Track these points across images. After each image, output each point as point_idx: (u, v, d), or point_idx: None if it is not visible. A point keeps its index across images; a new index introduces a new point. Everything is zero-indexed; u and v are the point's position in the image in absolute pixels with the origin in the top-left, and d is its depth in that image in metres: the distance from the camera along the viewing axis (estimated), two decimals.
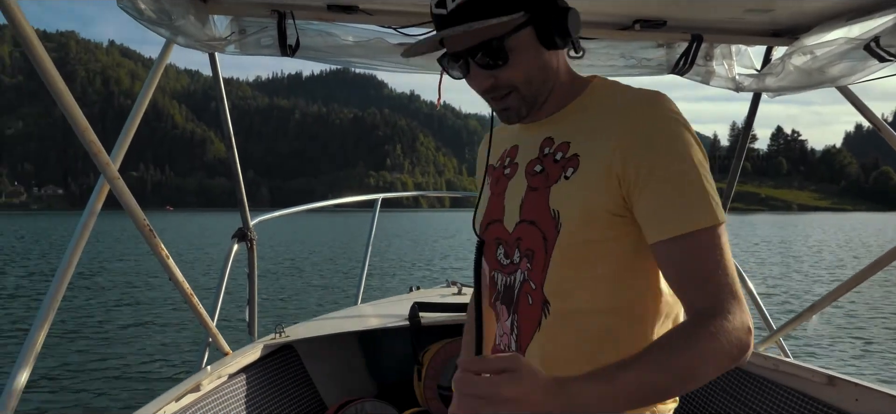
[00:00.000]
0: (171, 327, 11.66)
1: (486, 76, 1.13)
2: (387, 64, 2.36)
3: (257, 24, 2.21)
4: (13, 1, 1.24)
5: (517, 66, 1.12)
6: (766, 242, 37.69)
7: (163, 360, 9.42)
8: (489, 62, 1.11)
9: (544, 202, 1.15)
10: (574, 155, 1.14)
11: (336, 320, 3.08)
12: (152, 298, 15.40)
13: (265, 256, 25.11)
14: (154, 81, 2.13)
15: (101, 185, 1.84)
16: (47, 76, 1.37)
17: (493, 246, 1.26)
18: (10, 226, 72.61)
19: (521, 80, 1.14)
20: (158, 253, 1.93)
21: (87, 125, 1.53)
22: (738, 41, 2.60)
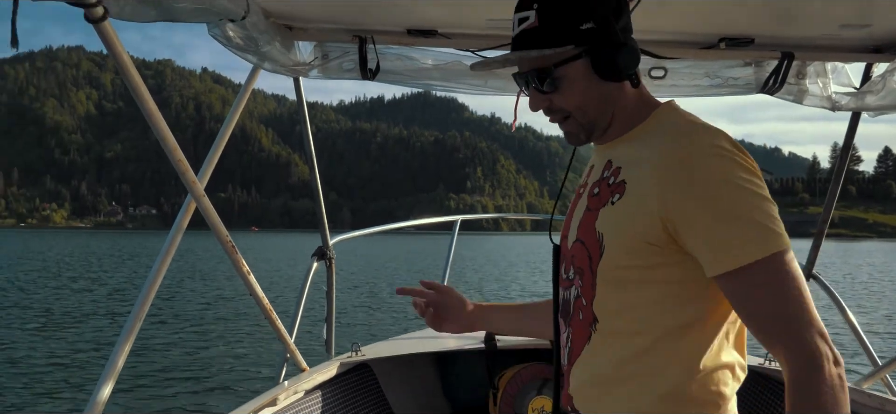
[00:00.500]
0: (249, 341, 12.13)
1: (542, 99, 1.21)
2: (465, 86, 2.38)
3: (339, 49, 2.29)
4: (113, 32, 1.33)
5: (569, 95, 1.19)
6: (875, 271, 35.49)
7: (242, 371, 9.83)
8: (542, 88, 1.19)
9: (593, 223, 1.18)
10: (622, 181, 1.16)
11: (412, 341, 3.09)
12: (232, 313, 16.06)
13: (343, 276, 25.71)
14: (241, 105, 2.23)
15: (188, 203, 1.94)
16: (141, 99, 1.46)
17: (559, 262, 1.31)
18: (103, 243, 76.43)
19: (574, 107, 1.19)
20: (240, 269, 2.01)
21: (176, 145, 1.62)
22: (834, 58, 2.48)
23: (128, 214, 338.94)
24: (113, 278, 27.25)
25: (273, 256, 42.41)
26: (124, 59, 1.39)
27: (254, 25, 1.85)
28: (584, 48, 1.15)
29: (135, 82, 1.43)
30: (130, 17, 1.33)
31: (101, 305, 18.18)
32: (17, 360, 10.60)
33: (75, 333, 13.26)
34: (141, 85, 1.46)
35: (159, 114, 1.54)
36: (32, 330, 13.65)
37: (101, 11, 1.23)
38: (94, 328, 14.03)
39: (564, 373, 1.27)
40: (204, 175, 1.98)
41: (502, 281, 26.53)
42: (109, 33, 1.31)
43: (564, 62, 1.16)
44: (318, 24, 2.19)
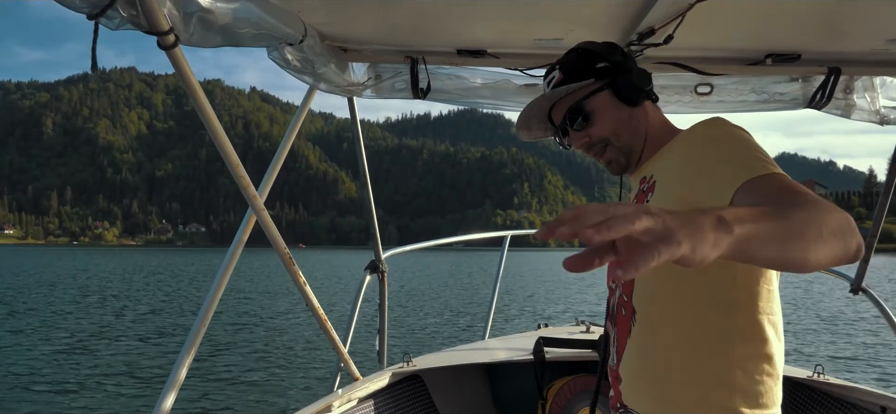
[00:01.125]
0: (302, 354, 12.44)
1: (581, 137, 1.37)
2: (513, 104, 2.45)
3: (392, 69, 2.38)
4: (183, 58, 1.43)
5: (601, 123, 1.35)
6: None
7: (296, 381, 10.10)
8: (578, 124, 1.36)
9: None
10: (654, 182, 1.30)
11: (462, 352, 3.16)
12: (286, 325, 16.43)
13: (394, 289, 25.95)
14: (299, 123, 2.36)
15: (249, 217, 2.05)
16: (207, 118, 1.58)
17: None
18: (151, 260, 77.71)
19: (609, 133, 1.35)
20: (297, 280, 2.11)
21: (238, 162, 1.74)
22: (882, 73, 2.46)
23: (177, 231, 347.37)
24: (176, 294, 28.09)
25: (319, 273, 42.67)
26: (193, 82, 1.50)
27: (310, 48, 1.96)
28: (605, 81, 1.34)
29: (202, 103, 1.55)
30: (199, 43, 1.43)
31: (166, 318, 18.81)
32: (84, 368, 11.07)
33: (137, 345, 13.74)
34: (207, 106, 1.58)
35: (224, 133, 1.65)
36: (96, 340, 14.22)
37: (173, 39, 1.34)
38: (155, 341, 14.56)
39: (614, 373, 1.35)
40: (263, 190, 2.10)
41: (550, 298, 26.35)
42: (180, 59, 1.42)
43: (590, 95, 1.34)
44: (371, 45, 2.29)
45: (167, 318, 18.81)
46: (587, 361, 2.98)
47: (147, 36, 1.28)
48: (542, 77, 2.35)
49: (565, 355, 2.99)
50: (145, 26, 1.24)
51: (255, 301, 23.36)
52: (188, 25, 1.35)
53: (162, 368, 11.11)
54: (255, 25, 1.54)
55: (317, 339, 13.80)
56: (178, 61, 1.41)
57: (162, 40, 1.31)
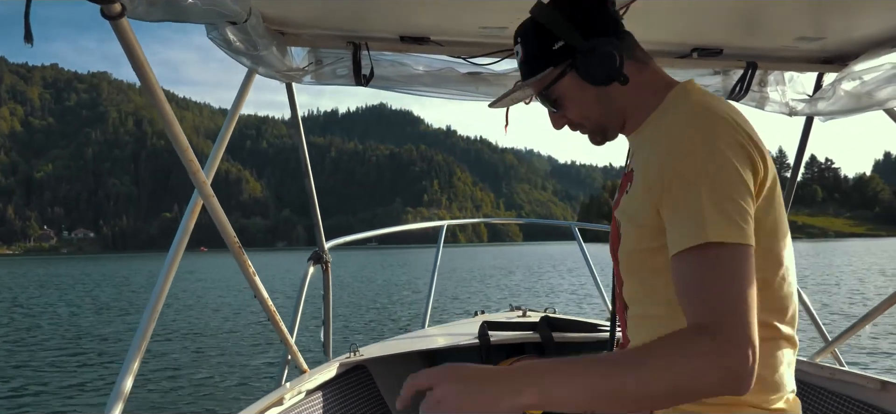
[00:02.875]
0: (248, 348, 12.36)
1: (558, 118, 1.35)
2: (456, 92, 2.47)
3: (333, 55, 2.35)
4: (130, 30, 1.35)
5: (571, 107, 1.31)
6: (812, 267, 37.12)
7: (241, 375, 10.04)
8: (551, 109, 1.34)
9: (615, 213, 1.31)
10: (632, 170, 1.27)
11: (407, 341, 3.18)
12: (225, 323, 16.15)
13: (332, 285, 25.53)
14: (238, 108, 2.28)
15: (195, 204, 1.98)
16: (157, 100, 1.51)
17: None
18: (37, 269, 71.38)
19: (578, 117, 1.32)
20: (245, 270, 2.05)
21: (187, 145, 1.66)
22: (791, 68, 2.67)
23: (62, 238, 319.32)
24: None
25: (222, 279, 38.62)
26: (141, 57, 1.42)
27: (254, 29, 1.90)
28: (565, 64, 1.25)
29: (151, 82, 1.47)
30: (143, 16, 1.35)
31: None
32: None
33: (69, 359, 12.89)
34: (157, 85, 1.50)
35: (174, 116, 1.59)
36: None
37: (120, 8, 1.25)
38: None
39: (622, 346, 1.37)
40: (209, 174, 2.03)
41: (483, 288, 26.76)
42: (126, 30, 1.33)
43: (553, 82, 1.27)
44: (312, 29, 2.24)
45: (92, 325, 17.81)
46: (531, 342, 3.07)
47: (18, 24, 1.20)
48: (486, 65, 2.40)
49: (508, 338, 3.07)
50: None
51: (190, 300, 22.53)
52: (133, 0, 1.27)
53: (103, 378, 10.58)
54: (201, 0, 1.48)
55: (259, 334, 13.78)
56: (125, 33, 1.32)
57: (107, 9, 1.23)
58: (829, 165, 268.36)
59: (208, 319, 17.58)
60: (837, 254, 55.87)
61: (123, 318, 19.28)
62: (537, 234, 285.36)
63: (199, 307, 21.21)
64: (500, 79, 2.48)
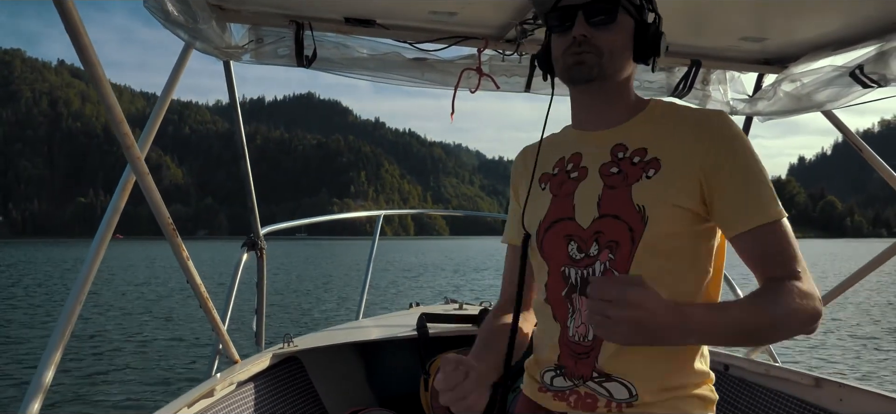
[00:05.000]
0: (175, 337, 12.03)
1: (588, 28, 1.29)
2: (401, 78, 2.39)
3: (275, 34, 2.22)
4: None
5: (613, 36, 1.30)
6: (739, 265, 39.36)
7: (172, 362, 9.83)
8: (599, 17, 1.29)
9: (627, 198, 1.28)
10: (654, 158, 1.30)
11: (342, 332, 3.09)
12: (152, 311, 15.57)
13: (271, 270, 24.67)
14: (175, 83, 2.15)
15: (126, 181, 1.84)
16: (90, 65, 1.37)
17: (562, 243, 1.35)
18: None
19: (609, 48, 1.30)
20: (179, 254, 1.94)
21: (122, 117, 1.54)
22: (733, 68, 2.72)
23: None
24: None
25: (139, 269, 36.89)
26: (74, 15, 1.28)
27: (194, 0, 1.78)
28: (637, 14, 1.32)
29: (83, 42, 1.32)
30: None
31: None
32: None
33: None
34: (89, 45, 1.35)
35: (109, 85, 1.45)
36: None
37: None
38: None
39: (582, 347, 1.32)
40: (143, 150, 1.88)
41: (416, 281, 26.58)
42: None
43: (625, 8, 1.30)
44: (253, 6, 2.12)
45: None
46: (468, 334, 3.02)
47: None
48: (432, 51, 2.33)
49: (447, 330, 3.02)
50: None
51: (110, 289, 21.51)
52: None
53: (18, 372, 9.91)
54: None
55: (186, 325, 13.37)
56: None
57: None
58: None
59: (132, 308, 16.93)
60: None
61: (34, 309, 18.22)
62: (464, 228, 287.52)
63: (122, 295, 20.36)
64: (446, 66, 2.41)
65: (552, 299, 1.37)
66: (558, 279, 1.35)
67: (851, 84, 2.40)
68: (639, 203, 1.26)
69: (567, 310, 1.34)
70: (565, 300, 1.35)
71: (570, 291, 1.33)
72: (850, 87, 2.43)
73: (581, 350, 1.32)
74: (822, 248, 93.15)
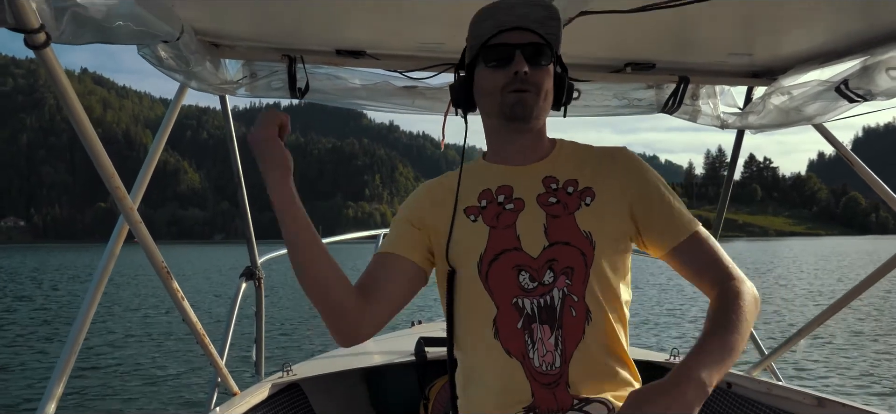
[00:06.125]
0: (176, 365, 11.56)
1: (530, 66, 1.36)
2: (393, 105, 2.44)
3: (268, 68, 2.29)
4: (54, 58, 1.27)
5: (548, 77, 1.40)
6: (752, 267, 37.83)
7: (170, 396, 9.39)
8: (538, 58, 1.37)
9: (573, 225, 1.36)
10: (587, 187, 1.41)
11: (342, 358, 3.09)
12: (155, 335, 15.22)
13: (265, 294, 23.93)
14: (169, 125, 2.20)
15: (121, 229, 1.89)
16: (79, 124, 1.42)
17: (512, 274, 1.34)
18: None
19: (543, 87, 1.39)
20: (173, 294, 1.97)
21: (113, 172, 1.57)
22: (722, 82, 2.74)
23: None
24: None
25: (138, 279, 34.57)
26: (64, 82, 1.34)
27: (186, 45, 1.85)
28: (557, 63, 1.45)
29: (73, 106, 1.39)
30: (70, 40, 1.29)
31: None
32: None
33: None
34: (79, 109, 1.42)
35: (97, 138, 1.50)
36: None
37: (44, 37, 1.18)
38: None
39: (550, 376, 1.32)
40: (135, 200, 1.93)
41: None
42: (51, 59, 1.26)
43: (555, 57, 1.41)
44: (246, 42, 2.19)
45: None
46: None
47: None
48: (422, 79, 2.38)
49: (444, 355, 3.02)
50: (12, 23, 1.09)
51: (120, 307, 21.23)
52: (60, 22, 1.20)
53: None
54: (133, 21, 1.42)
55: (191, 351, 12.69)
56: (50, 61, 1.25)
57: (30, 39, 1.14)
58: (767, 164, 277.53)
59: (127, 333, 16.34)
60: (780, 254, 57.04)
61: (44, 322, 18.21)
62: None
63: (116, 317, 19.97)
64: (436, 92, 2.46)
65: (503, 334, 1.34)
66: (510, 312, 1.33)
67: (837, 99, 2.41)
68: (585, 229, 1.34)
69: (524, 342, 1.32)
70: (522, 332, 1.32)
71: (528, 322, 1.32)
72: (836, 102, 2.43)
73: (551, 379, 1.31)
74: (848, 245, 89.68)
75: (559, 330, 1.31)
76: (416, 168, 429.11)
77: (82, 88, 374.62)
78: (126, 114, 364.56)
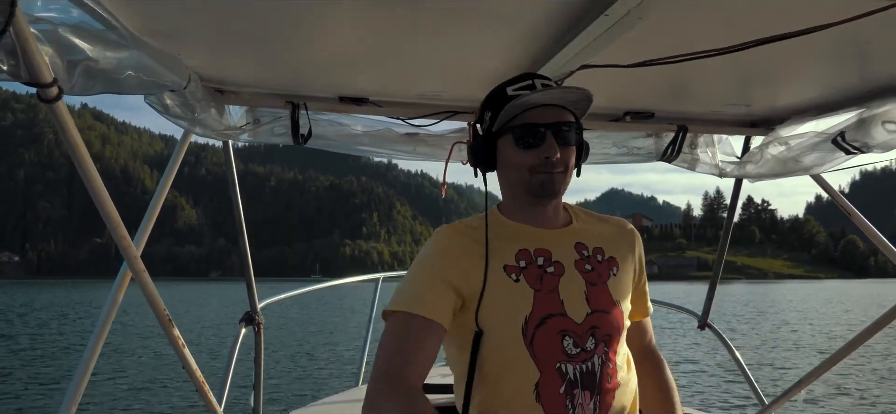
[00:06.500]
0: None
1: (562, 149, 1.37)
2: (394, 152, 2.47)
3: (271, 114, 2.32)
4: (65, 111, 1.29)
5: (573, 154, 1.41)
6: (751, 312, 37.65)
7: None
8: (567, 136, 1.38)
9: (608, 294, 1.41)
10: (611, 257, 1.46)
11: (339, 405, 3.08)
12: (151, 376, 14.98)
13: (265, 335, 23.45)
14: (173, 170, 2.22)
15: (124, 276, 1.89)
16: (88, 176, 1.43)
17: (557, 339, 1.33)
18: None
19: (570, 165, 1.41)
20: (174, 342, 1.96)
21: (119, 221, 1.58)
22: (720, 131, 2.78)
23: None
24: None
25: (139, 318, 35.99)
26: (75, 136, 1.35)
27: (192, 93, 1.87)
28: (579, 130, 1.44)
29: (83, 158, 1.40)
30: (80, 92, 1.30)
31: None
32: None
33: None
34: (89, 161, 1.43)
35: (104, 189, 1.50)
36: None
37: (57, 91, 1.19)
38: None
39: None
40: (138, 247, 1.94)
41: None
42: (63, 112, 1.27)
43: (578, 132, 1.42)
44: (250, 88, 2.22)
45: None
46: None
47: None
48: (424, 126, 2.41)
49: (443, 401, 2.99)
50: (26, 78, 1.10)
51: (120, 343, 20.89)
52: (72, 76, 1.22)
53: None
54: (142, 72, 1.44)
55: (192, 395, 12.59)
56: (61, 115, 1.26)
57: (43, 93, 1.16)
58: (765, 206, 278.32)
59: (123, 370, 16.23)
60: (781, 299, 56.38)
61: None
62: None
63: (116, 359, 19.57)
64: (437, 139, 2.49)
65: (546, 399, 1.31)
66: (554, 377, 1.31)
67: (834, 150, 2.44)
68: (616, 298, 1.42)
69: (566, 407, 1.31)
70: (564, 397, 1.31)
71: (570, 388, 1.31)
72: (833, 153, 2.47)
73: None
74: (847, 289, 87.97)
75: (598, 396, 1.34)
76: (415, 207, 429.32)
77: (82, 123, 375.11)
78: (125, 149, 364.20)
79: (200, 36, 1.70)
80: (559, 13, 1.53)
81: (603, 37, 1.53)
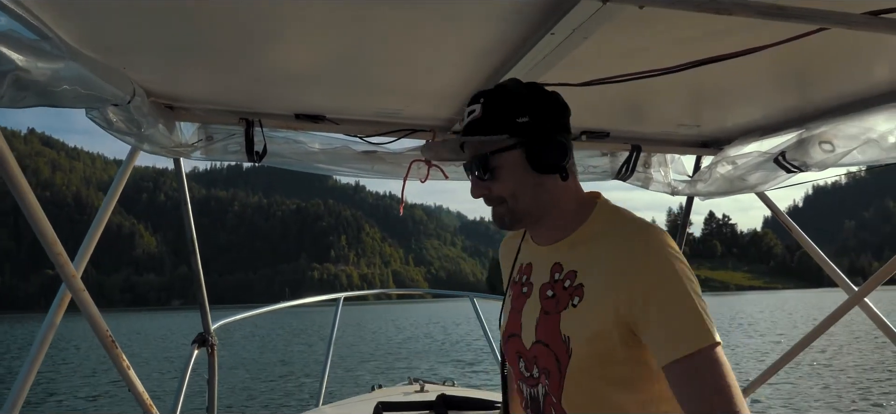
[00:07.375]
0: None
1: (482, 186, 1.30)
2: (352, 170, 2.45)
3: (225, 131, 2.28)
4: None
5: (505, 182, 1.28)
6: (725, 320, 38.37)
7: None
8: (481, 175, 1.29)
9: (556, 327, 1.25)
10: (579, 285, 1.24)
11: None
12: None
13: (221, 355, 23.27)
14: (119, 188, 2.16)
15: (62, 297, 1.84)
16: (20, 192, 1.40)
17: (515, 358, 1.36)
18: None
19: (508, 194, 1.28)
20: (119, 364, 1.92)
21: (55, 238, 1.55)
22: (672, 151, 2.85)
23: None
24: None
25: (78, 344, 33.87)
26: (5, 151, 1.32)
27: (137, 108, 1.83)
28: (519, 140, 1.25)
29: (12, 170, 1.37)
30: (9, 104, 1.24)
31: None
32: None
33: None
34: (18, 173, 1.39)
35: (37, 203, 1.47)
36: None
37: None
38: None
39: None
40: (79, 267, 1.89)
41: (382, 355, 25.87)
42: None
43: (500, 151, 1.26)
44: (202, 105, 2.18)
45: None
46: None
47: None
48: (382, 144, 2.41)
49: None
50: None
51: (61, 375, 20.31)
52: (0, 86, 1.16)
53: None
54: (80, 85, 1.39)
55: None
56: None
57: None
58: (726, 221, 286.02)
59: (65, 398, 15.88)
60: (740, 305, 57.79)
61: None
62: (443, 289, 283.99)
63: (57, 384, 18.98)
64: (396, 158, 2.49)
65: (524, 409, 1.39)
66: (520, 392, 1.38)
67: (776, 169, 2.58)
68: (565, 334, 1.23)
69: None
70: (525, 411, 1.37)
71: (527, 406, 1.36)
72: (775, 172, 2.60)
73: None
74: (803, 297, 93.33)
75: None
76: (383, 229, 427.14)
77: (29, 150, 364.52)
78: (77, 176, 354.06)
79: (148, 49, 1.66)
80: (510, 32, 1.56)
81: (551, 55, 1.55)
